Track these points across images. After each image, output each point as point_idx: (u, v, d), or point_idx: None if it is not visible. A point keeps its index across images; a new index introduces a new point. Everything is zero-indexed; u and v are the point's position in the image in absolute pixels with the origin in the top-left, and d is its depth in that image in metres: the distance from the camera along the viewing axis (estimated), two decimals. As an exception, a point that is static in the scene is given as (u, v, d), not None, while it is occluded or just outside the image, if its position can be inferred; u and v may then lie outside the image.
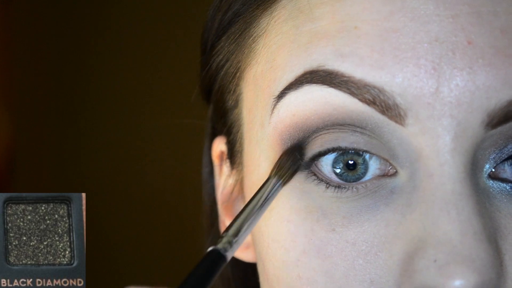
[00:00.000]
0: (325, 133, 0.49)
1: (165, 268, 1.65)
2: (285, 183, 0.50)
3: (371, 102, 0.47)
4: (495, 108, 0.46)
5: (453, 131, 0.46)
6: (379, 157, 0.49)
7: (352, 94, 0.47)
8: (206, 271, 0.44)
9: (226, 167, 0.62)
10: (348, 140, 0.48)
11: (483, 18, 0.46)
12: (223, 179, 0.62)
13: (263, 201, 0.48)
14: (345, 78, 0.47)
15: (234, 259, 0.64)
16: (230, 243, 0.46)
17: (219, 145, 0.62)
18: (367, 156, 0.49)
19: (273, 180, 0.49)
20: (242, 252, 0.61)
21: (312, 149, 0.49)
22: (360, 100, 0.47)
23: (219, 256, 0.45)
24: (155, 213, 1.93)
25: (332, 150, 0.49)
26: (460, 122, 0.46)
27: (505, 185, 0.48)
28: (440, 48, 0.46)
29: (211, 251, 0.45)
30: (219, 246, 0.46)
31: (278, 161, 0.50)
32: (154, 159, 1.92)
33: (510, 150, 0.47)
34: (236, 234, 0.47)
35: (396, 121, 0.47)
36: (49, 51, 2.08)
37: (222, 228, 0.63)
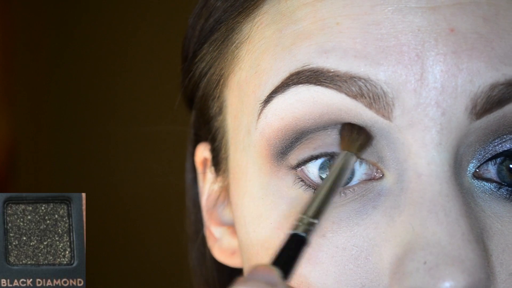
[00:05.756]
0: (317, 136, 0.48)
1: (165, 268, 1.65)
2: (357, 156, 0.48)
3: (358, 95, 0.46)
4: (477, 91, 0.45)
5: (439, 121, 0.46)
6: (368, 161, 0.48)
7: (339, 89, 0.47)
8: (288, 257, 0.43)
9: (210, 173, 0.61)
10: None
11: (465, 8, 0.46)
12: (208, 186, 0.62)
13: (338, 178, 0.47)
14: (330, 74, 0.47)
15: (219, 265, 0.63)
16: (311, 225, 0.44)
17: (202, 152, 0.62)
18: (356, 162, 0.48)
19: (344, 155, 0.47)
20: (228, 258, 0.60)
21: (303, 152, 0.49)
22: (347, 94, 0.47)
23: (300, 240, 0.44)
24: (155, 213, 1.93)
25: (325, 155, 0.49)
26: (445, 111, 0.46)
27: (489, 184, 0.48)
28: (423, 36, 0.46)
29: (292, 235, 0.44)
30: (300, 229, 0.44)
31: (344, 135, 0.49)
32: (155, 159, 1.91)
33: (493, 149, 0.48)
34: (316, 215, 0.45)
35: (383, 115, 0.46)
36: (49, 51, 2.08)
37: (208, 235, 0.62)
